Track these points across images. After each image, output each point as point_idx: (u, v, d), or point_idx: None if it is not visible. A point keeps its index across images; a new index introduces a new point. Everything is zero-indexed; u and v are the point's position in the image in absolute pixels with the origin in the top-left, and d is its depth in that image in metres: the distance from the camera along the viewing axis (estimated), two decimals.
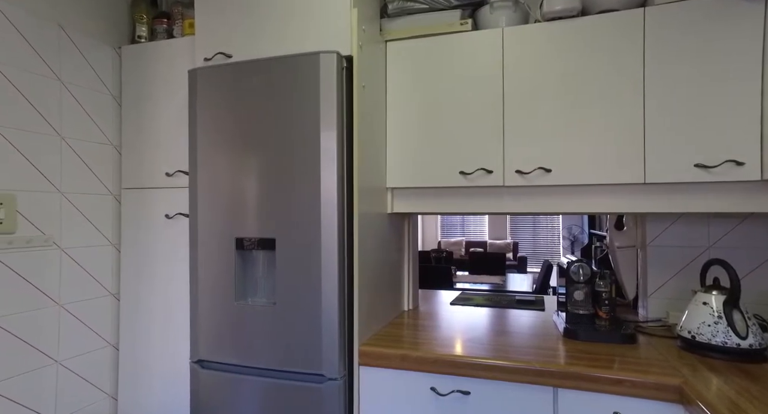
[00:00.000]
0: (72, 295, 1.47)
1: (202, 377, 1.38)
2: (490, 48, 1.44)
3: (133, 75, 1.64)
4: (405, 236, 1.80)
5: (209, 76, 1.39)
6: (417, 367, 1.24)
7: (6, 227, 1.27)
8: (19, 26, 1.32)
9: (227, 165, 1.36)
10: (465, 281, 3.56)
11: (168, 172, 1.56)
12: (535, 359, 1.16)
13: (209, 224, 1.37)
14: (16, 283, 1.30)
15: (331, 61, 1.27)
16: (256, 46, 1.41)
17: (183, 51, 1.58)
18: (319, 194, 1.26)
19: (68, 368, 1.45)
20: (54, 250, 1.42)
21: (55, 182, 1.43)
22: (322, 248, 1.26)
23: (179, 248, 1.55)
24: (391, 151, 1.56)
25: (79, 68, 1.50)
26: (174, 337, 1.55)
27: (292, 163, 1.29)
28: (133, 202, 1.62)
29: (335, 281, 1.26)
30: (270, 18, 1.40)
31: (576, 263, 1.39)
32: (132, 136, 1.63)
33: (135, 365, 1.60)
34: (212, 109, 1.38)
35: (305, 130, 1.28)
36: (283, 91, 1.31)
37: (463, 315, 1.69)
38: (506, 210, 1.47)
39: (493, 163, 1.43)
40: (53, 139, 1.42)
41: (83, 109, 1.52)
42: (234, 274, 1.34)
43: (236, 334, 1.34)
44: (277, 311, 1.30)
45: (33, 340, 1.34)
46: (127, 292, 1.62)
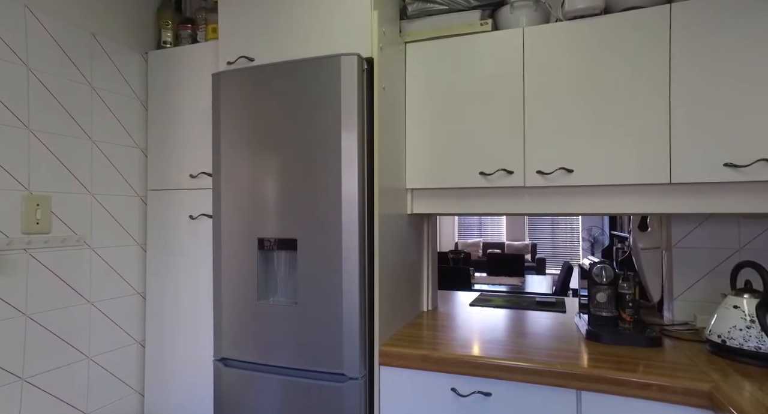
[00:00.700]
0: (101, 293, 1.52)
1: (225, 375, 1.41)
2: (511, 48, 1.43)
3: (159, 79, 1.68)
4: (424, 237, 1.80)
5: (232, 80, 1.42)
6: (438, 368, 1.24)
7: (42, 227, 1.32)
8: (56, 36, 1.38)
9: (250, 166, 1.38)
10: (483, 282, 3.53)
11: (192, 174, 1.60)
12: (558, 361, 1.15)
13: (232, 225, 1.40)
14: (51, 281, 1.35)
15: (352, 63, 1.28)
16: (277, 49, 1.44)
17: (206, 55, 1.61)
18: (340, 195, 1.28)
19: (98, 364, 1.50)
20: (85, 249, 1.47)
21: (86, 184, 1.48)
22: (343, 249, 1.27)
23: (203, 248, 1.59)
24: (410, 152, 1.56)
25: (109, 74, 1.55)
26: (198, 335, 1.59)
27: (313, 164, 1.31)
28: (159, 203, 1.66)
29: (356, 281, 1.27)
30: (291, 22, 1.43)
31: (598, 265, 1.37)
32: (157, 138, 1.68)
33: (161, 362, 1.64)
34: (235, 111, 1.41)
35: (326, 132, 1.30)
36: (304, 93, 1.32)
37: (483, 316, 1.68)
38: (527, 211, 1.46)
39: (514, 164, 1.43)
40: (84, 143, 1.47)
41: (112, 114, 1.57)
42: (256, 274, 1.37)
43: (258, 333, 1.36)
44: (299, 311, 1.32)
45: (66, 336, 1.39)
46: (153, 290, 1.66)
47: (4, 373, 1.23)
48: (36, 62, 1.32)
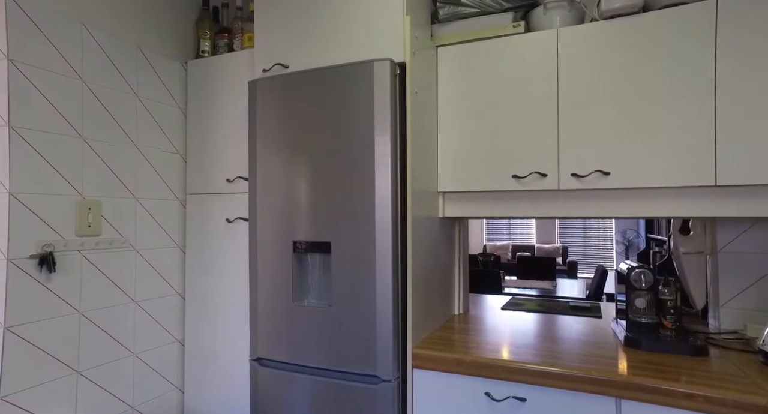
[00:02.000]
0: (145, 293, 1.59)
1: (260, 374, 1.45)
2: (544, 49, 1.41)
3: (197, 87, 1.75)
4: (455, 240, 1.80)
5: (268, 86, 1.46)
6: (471, 372, 1.23)
7: (93, 230, 1.40)
8: (106, 49, 1.46)
9: (285, 171, 1.42)
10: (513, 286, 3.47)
11: (229, 179, 1.66)
12: (596, 367, 1.12)
13: (268, 228, 1.44)
14: (100, 281, 1.43)
15: (385, 68, 1.30)
16: (311, 56, 1.47)
17: (242, 63, 1.67)
18: (374, 199, 1.29)
19: (143, 360, 1.57)
20: (130, 251, 1.54)
21: (131, 189, 1.55)
22: (377, 252, 1.29)
23: (239, 250, 1.64)
24: (442, 155, 1.56)
25: (152, 83, 1.63)
26: (234, 334, 1.64)
27: (347, 168, 1.33)
28: (197, 206, 1.73)
29: (389, 284, 1.28)
30: (324, 29, 1.46)
31: (637, 269, 1.33)
32: (196, 144, 1.75)
33: (199, 360, 1.70)
34: (270, 117, 1.45)
35: (360, 136, 1.32)
36: (337, 98, 1.35)
37: (516, 320, 1.66)
38: (561, 214, 1.43)
39: (548, 167, 1.40)
40: (130, 149, 1.55)
41: (155, 121, 1.64)
42: (291, 276, 1.40)
43: (293, 334, 1.40)
44: (333, 312, 1.34)
45: (114, 333, 1.47)
46: (192, 291, 1.73)
47: (63, 366, 1.31)
48: (89, 75, 1.41)
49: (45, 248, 1.27)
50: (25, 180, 1.23)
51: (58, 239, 1.31)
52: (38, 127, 1.27)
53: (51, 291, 1.28)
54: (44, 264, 1.26)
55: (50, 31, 1.30)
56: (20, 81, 1.22)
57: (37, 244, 1.25)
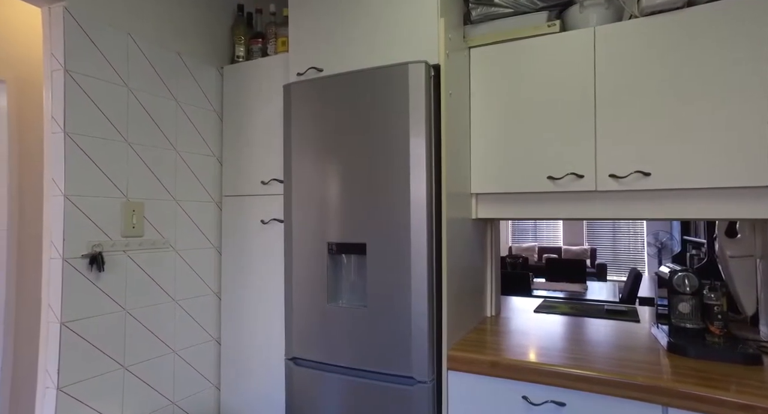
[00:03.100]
0: (184, 292, 1.64)
1: (295, 373, 1.47)
2: (581, 48, 1.38)
3: (232, 92, 1.80)
4: (487, 242, 1.78)
5: (302, 90, 1.48)
6: (508, 375, 1.22)
7: (137, 231, 1.46)
8: (149, 57, 1.52)
9: (320, 173, 1.44)
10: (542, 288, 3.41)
11: (263, 181, 1.69)
12: (640, 373, 1.09)
13: (303, 230, 1.46)
14: (143, 280, 1.48)
15: (420, 70, 1.30)
16: (345, 59, 1.49)
17: (276, 67, 1.70)
18: (409, 200, 1.30)
19: (182, 358, 1.62)
20: (170, 252, 1.59)
21: (171, 191, 1.61)
22: (412, 253, 1.29)
23: (274, 252, 1.67)
24: (475, 156, 1.56)
25: (190, 89, 1.68)
26: (269, 334, 1.67)
27: (382, 170, 1.34)
28: (232, 208, 1.77)
29: (425, 285, 1.28)
30: (358, 32, 1.47)
31: (680, 273, 1.29)
32: (231, 147, 1.79)
33: (235, 359, 1.74)
34: (305, 120, 1.47)
35: (395, 138, 1.32)
36: (372, 101, 1.36)
37: (550, 323, 1.63)
38: (598, 216, 1.40)
39: (584, 168, 1.38)
40: (170, 153, 1.60)
41: (192, 125, 1.70)
42: (326, 277, 1.42)
43: (328, 335, 1.41)
44: (368, 313, 1.35)
45: (156, 330, 1.52)
46: (227, 291, 1.77)
47: (111, 361, 1.36)
48: (134, 82, 1.47)
49: (95, 248, 1.33)
50: (77, 183, 1.29)
51: (106, 240, 1.37)
52: (89, 132, 1.33)
53: (100, 289, 1.34)
54: (94, 263, 1.32)
55: (101, 42, 1.36)
56: (75, 90, 1.28)
57: (87, 244, 1.31)
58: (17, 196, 1.97)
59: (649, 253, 6.37)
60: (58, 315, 1.24)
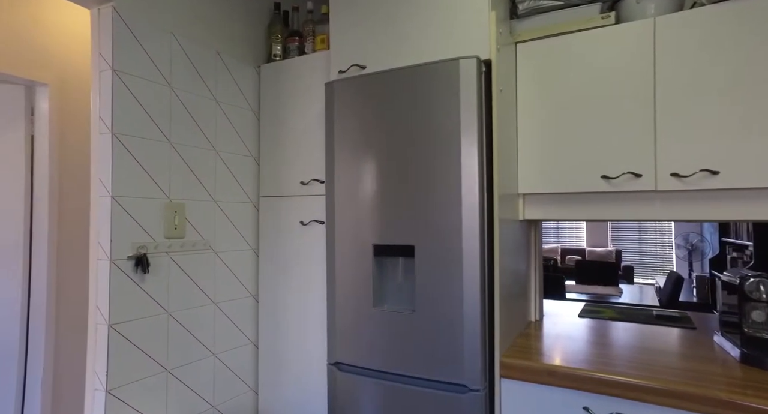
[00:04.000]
0: (223, 295, 1.62)
1: (338, 379, 1.43)
2: (639, 40, 1.32)
3: (270, 91, 1.78)
4: (531, 244, 1.72)
5: (345, 88, 1.45)
6: (568, 384, 1.16)
7: (179, 232, 1.44)
8: (191, 56, 1.51)
9: (364, 173, 1.40)
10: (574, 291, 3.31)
11: (303, 181, 1.67)
12: (715, 386, 1.02)
13: (347, 231, 1.43)
14: (185, 283, 1.47)
15: (471, 66, 1.26)
16: (389, 56, 1.45)
17: (314, 66, 1.67)
18: (460, 201, 1.25)
19: (222, 361, 1.60)
20: (210, 253, 1.58)
21: (211, 192, 1.59)
22: (464, 255, 1.24)
23: (313, 253, 1.64)
24: (522, 155, 1.50)
25: (229, 88, 1.67)
26: (309, 337, 1.64)
27: (431, 169, 1.30)
28: (270, 209, 1.75)
29: (477, 289, 1.23)
30: (402, 28, 1.43)
31: (753, 278, 1.21)
32: (269, 147, 1.77)
33: (273, 362, 1.72)
34: (349, 119, 1.44)
35: (445, 137, 1.28)
36: (420, 98, 1.32)
37: (599, 329, 1.56)
38: (657, 217, 1.33)
39: (643, 166, 1.31)
40: (210, 153, 1.59)
41: (231, 125, 1.68)
42: (371, 281, 1.38)
43: (373, 340, 1.37)
44: (417, 318, 1.30)
45: (197, 333, 1.51)
46: (265, 293, 1.75)
47: (155, 364, 1.35)
48: (176, 82, 1.45)
49: (139, 250, 1.31)
50: (123, 184, 1.28)
51: (150, 241, 1.35)
52: (134, 133, 1.32)
53: (144, 291, 1.33)
54: (139, 265, 1.30)
55: (146, 41, 1.35)
56: (121, 90, 1.27)
57: (132, 245, 1.30)
58: (58, 198, 1.98)
59: (678, 255, 6.16)
60: (107, 317, 1.22)
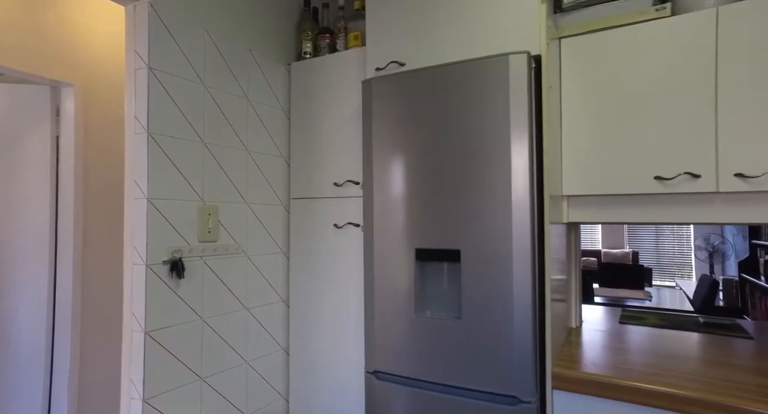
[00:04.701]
0: (255, 300, 1.57)
1: (377, 388, 1.38)
2: (699, 33, 1.25)
3: (300, 89, 1.73)
4: (572, 248, 1.65)
5: (384, 85, 1.39)
6: (631, 398, 1.09)
7: (212, 236, 1.39)
8: (224, 54, 1.46)
9: (405, 174, 1.35)
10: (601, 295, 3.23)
11: (337, 183, 1.61)
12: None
13: (386, 235, 1.37)
14: (218, 288, 1.42)
15: (522, 62, 1.19)
16: (430, 52, 1.39)
17: (347, 63, 1.62)
18: (510, 203, 1.19)
19: (254, 368, 1.55)
20: (242, 257, 1.53)
21: (243, 194, 1.54)
22: (514, 260, 1.18)
23: (348, 257, 1.58)
24: (567, 155, 1.43)
25: (260, 86, 1.62)
26: (343, 344, 1.59)
27: (477, 170, 1.24)
28: (302, 211, 1.70)
29: (528, 295, 1.17)
30: (444, 23, 1.37)
31: None
32: (299, 147, 1.72)
33: (304, 369, 1.66)
34: (387, 118, 1.38)
35: (493, 136, 1.22)
36: (465, 96, 1.26)
37: (647, 337, 1.49)
38: (718, 220, 1.26)
39: (702, 166, 1.24)
40: (242, 154, 1.54)
41: (262, 124, 1.63)
42: (413, 287, 1.32)
43: (416, 348, 1.32)
44: (463, 326, 1.24)
45: (230, 340, 1.46)
46: (296, 298, 1.70)
47: (190, 372, 1.30)
48: (209, 80, 1.41)
49: (174, 254, 1.27)
50: (158, 186, 1.23)
51: (184, 245, 1.31)
52: (169, 132, 1.27)
53: (179, 297, 1.28)
54: (174, 270, 1.26)
55: (181, 38, 1.31)
56: (157, 88, 1.23)
57: (167, 249, 1.25)
58: (83, 199, 1.95)
59: (698, 257, 6.03)
60: (142, 324, 1.18)
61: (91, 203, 1.98)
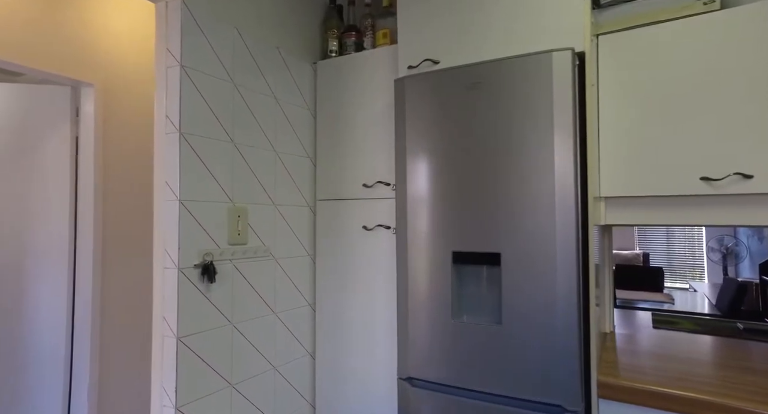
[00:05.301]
0: (282, 304, 1.54)
1: (412, 395, 1.34)
2: (751, 26, 1.20)
3: (327, 88, 1.69)
4: (605, 251, 1.61)
5: (418, 84, 1.36)
6: (678, 409, 1.05)
7: (242, 238, 1.36)
8: (253, 52, 1.43)
9: (441, 175, 1.30)
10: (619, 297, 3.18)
11: (366, 184, 1.57)
12: None
13: (421, 238, 1.33)
14: (247, 292, 1.38)
15: (566, 59, 1.15)
16: (466, 50, 1.35)
17: (376, 62, 1.58)
18: (554, 204, 1.15)
19: (281, 374, 1.51)
20: (270, 260, 1.49)
21: (271, 195, 1.50)
22: (558, 264, 1.14)
23: (378, 260, 1.54)
24: (604, 155, 1.39)
25: (287, 85, 1.58)
26: (371, 349, 1.55)
27: (519, 171, 1.19)
28: (329, 213, 1.66)
29: (573, 300, 1.13)
30: (481, 20, 1.33)
31: None
32: (326, 148, 1.68)
33: (332, 375, 1.62)
34: (421, 117, 1.34)
35: (535, 136, 1.18)
36: (505, 94, 1.22)
37: (687, 343, 1.44)
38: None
39: (755, 166, 1.19)
40: (270, 154, 1.50)
41: (289, 124, 1.59)
42: (450, 291, 1.28)
43: (453, 354, 1.27)
44: (503, 331, 1.20)
45: (259, 345, 1.42)
46: (322, 302, 1.66)
47: (220, 379, 1.26)
48: (238, 78, 1.37)
49: (205, 257, 1.23)
50: (189, 187, 1.20)
51: (215, 248, 1.27)
52: (200, 132, 1.24)
53: (210, 301, 1.24)
54: (206, 273, 1.22)
55: (212, 35, 1.27)
56: (188, 86, 1.19)
57: (198, 253, 1.22)
58: (102, 201, 1.92)
59: (712, 258, 5.97)
60: (175, 329, 1.14)
61: (110, 204, 1.95)
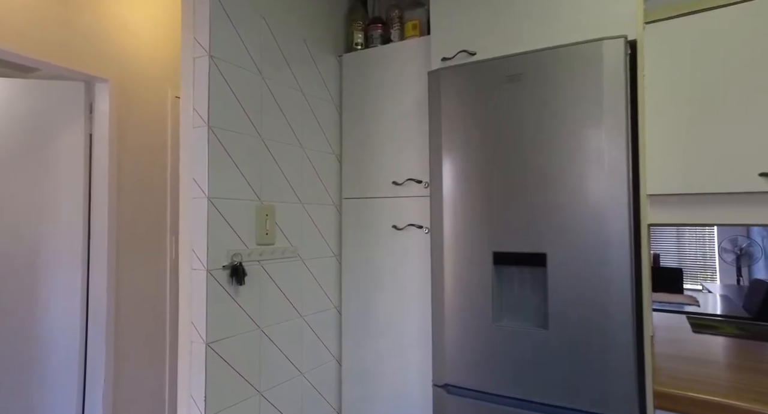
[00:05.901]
0: (309, 307, 1.47)
1: (449, 404, 1.27)
2: None
3: (353, 82, 1.62)
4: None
5: (452, 77, 1.29)
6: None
7: (270, 238, 1.29)
8: (280, 44, 1.36)
9: (478, 172, 1.24)
10: None
11: (396, 181, 1.51)
12: None
13: (458, 238, 1.26)
14: (275, 294, 1.32)
15: (617, 48, 1.08)
16: (504, 40, 1.29)
17: (405, 54, 1.52)
18: (605, 202, 1.08)
19: (308, 380, 1.44)
20: (297, 261, 1.42)
21: (298, 193, 1.44)
22: (610, 265, 1.07)
23: (410, 261, 1.47)
24: (650, 151, 1.32)
25: (313, 79, 1.52)
26: (400, 354, 1.48)
27: (564, 167, 1.13)
28: (355, 212, 1.59)
29: (627, 303, 1.06)
30: (520, 8, 1.27)
31: None
32: (353, 144, 1.61)
33: (359, 381, 1.56)
34: (458, 111, 1.27)
35: (583, 130, 1.11)
36: (550, 87, 1.15)
37: (736, 349, 1.37)
38: None
39: None
40: (297, 150, 1.44)
41: (315, 119, 1.53)
42: (491, 294, 1.22)
43: (494, 360, 1.20)
44: (550, 336, 1.13)
45: (287, 351, 1.35)
46: (349, 305, 1.59)
47: (249, 386, 1.20)
48: (266, 70, 1.31)
49: (234, 258, 1.16)
50: (218, 184, 1.13)
51: (243, 248, 1.20)
52: (229, 126, 1.17)
53: (239, 305, 1.18)
54: (235, 275, 1.15)
55: (240, 25, 1.21)
56: (217, 78, 1.13)
57: (227, 253, 1.15)
58: (117, 198, 1.86)
59: (725, 259, 5.88)
60: (203, 335, 1.08)
61: (124, 202, 1.89)
